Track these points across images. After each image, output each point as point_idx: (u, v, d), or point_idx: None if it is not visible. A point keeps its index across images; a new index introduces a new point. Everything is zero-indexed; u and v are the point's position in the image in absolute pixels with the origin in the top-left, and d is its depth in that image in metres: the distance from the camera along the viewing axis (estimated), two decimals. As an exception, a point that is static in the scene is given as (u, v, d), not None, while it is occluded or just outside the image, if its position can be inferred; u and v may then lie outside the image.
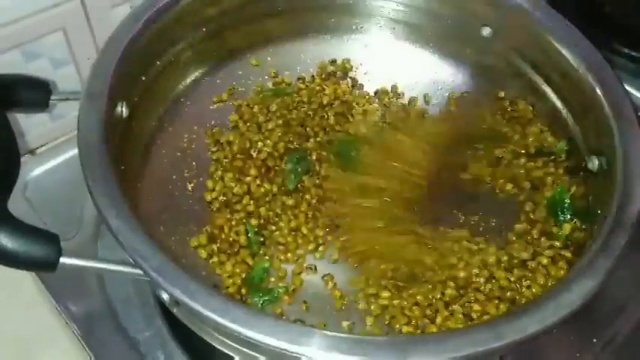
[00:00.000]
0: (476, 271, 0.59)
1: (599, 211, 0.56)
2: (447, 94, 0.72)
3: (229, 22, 0.69)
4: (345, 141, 0.68)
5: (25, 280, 0.64)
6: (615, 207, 0.52)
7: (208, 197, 0.63)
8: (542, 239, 0.61)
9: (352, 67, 0.74)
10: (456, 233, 0.62)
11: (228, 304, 0.44)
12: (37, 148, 0.75)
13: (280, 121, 0.68)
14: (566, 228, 0.60)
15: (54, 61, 0.69)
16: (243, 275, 0.59)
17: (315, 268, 0.60)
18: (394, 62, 0.74)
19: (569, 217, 0.61)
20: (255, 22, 0.71)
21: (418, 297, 0.57)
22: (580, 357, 0.63)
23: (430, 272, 0.59)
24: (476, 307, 0.57)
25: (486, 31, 0.69)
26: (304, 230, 0.62)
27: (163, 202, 0.62)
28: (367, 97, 0.72)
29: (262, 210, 0.62)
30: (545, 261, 0.59)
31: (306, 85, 0.72)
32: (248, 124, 0.68)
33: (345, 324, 0.57)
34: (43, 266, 0.46)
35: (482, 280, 0.58)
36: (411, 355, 0.43)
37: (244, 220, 0.61)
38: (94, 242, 0.66)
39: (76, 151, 0.51)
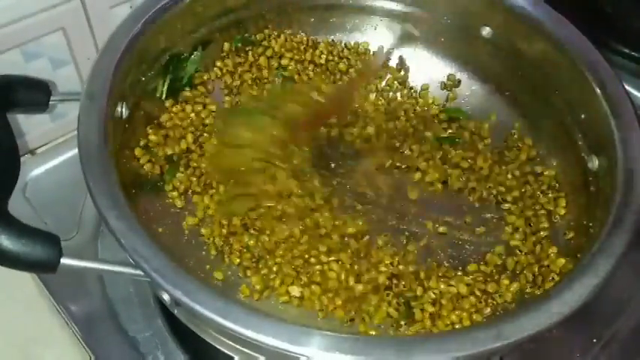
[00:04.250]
0: None
1: (598, 212, 0.56)
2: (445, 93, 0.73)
3: (228, 22, 0.69)
4: None
5: (25, 280, 0.64)
6: (615, 207, 0.52)
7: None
8: None
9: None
10: None
11: (229, 305, 0.44)
12: (37, 148, 0.75)
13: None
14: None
15: (54, 61, 0.69)
16: None
17: None
18: (393, 61, 0.74)
19: None
20: (255, 23, 0.71)
21: None
22: (580, 357, 0.64)
23: None
24: None
25: (486, 31, 0.69)
26: None
27: (163, 202, 0.62)
28: None
29: None
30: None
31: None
32: None
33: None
34: (44, 267, 0.46)
35: None
36: (412, 355, 0.43)
37: None
38: (94, 242, 0.66)
39: (76, 151, 0.51)
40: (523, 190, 0.66)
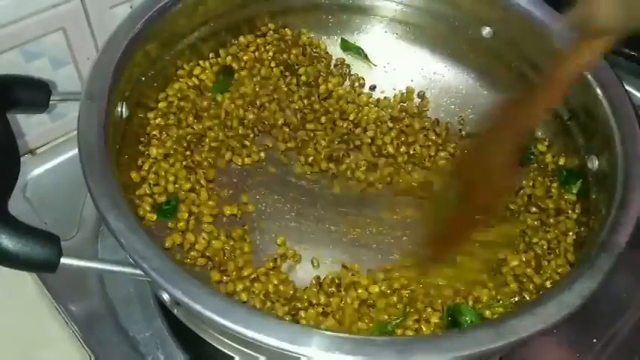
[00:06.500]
0: None
1: (599, 211, 0.56)
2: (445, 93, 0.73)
3: (229, 22, 0.69)
4: None
5: (25, 280, 0.64)
6: (615, 207, 0.52)
7: None
8: None
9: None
10: None
11: (229, 305, 0.44)
12: (37, 148, 0.75)
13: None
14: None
15: (54, 61, 0.69)
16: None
17: None
18: (394, 62, 0.74)
19: None
20: (255, 22, 0.71)
21: None
22: (580, 357, 0.64)
23: None
24: None
25: (486, 31, 0.69)
26: None
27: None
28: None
29: None
30: None
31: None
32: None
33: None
34: (44, 267, 0.46)
35: None
36: (412, 356, 0.43)
37: None
38: (95, 242, 0.66)
39: (76, 151, 0.51)
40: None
